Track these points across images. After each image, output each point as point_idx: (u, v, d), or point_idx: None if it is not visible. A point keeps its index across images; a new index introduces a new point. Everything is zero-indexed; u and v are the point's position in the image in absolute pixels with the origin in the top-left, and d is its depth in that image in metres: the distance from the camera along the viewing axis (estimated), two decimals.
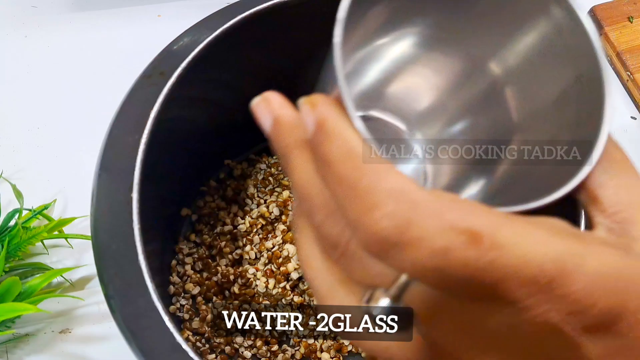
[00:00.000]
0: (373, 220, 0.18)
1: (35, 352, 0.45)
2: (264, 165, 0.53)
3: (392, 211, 0.18)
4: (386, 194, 0.18)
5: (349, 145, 0.20)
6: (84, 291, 0.47)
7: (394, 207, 0.18)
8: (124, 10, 0.63)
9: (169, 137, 0.37)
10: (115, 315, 0.31)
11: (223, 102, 0.48)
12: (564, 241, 0.19)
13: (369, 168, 0.19)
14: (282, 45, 0.44)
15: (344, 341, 0.46)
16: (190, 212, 0.50)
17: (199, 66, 0.38)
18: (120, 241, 0.33)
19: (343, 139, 0.20)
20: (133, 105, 0.37)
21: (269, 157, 0.53)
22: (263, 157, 0.53)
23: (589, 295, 0.18)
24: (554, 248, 0.18)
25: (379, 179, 0.19)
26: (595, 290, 0.18)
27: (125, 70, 0.38)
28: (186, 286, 0.46)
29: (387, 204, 0.18)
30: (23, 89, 0.58)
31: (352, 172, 0.19)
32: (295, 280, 0.47)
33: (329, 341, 0.46)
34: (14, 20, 0.62)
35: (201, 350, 0.44)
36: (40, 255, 0.48)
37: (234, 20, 0.39)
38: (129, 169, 0.34)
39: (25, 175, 0.51)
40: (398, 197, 0.18)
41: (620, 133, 0.56)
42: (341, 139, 0.20)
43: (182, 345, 0.30)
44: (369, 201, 0.18)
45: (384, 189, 0.18)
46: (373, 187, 0.19)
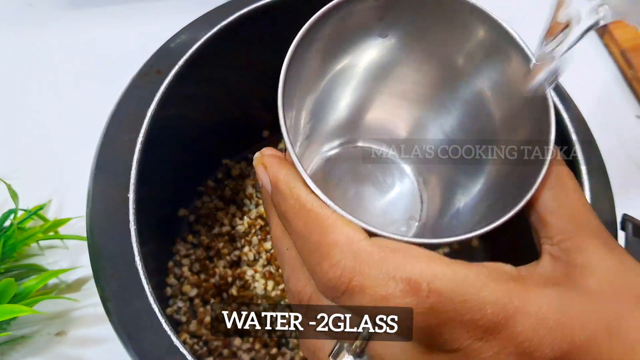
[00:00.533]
0: (323, 271, 0.21)
1: (31, 354, 0.44)
2: None
3: (338, 261, 0.20)
4: (333, 246, 0.21)
5: (300, 202, 0.22)
6: (80, 293, 0.47)
7: (339, 258, 0.20)
8: (121, 8, 0.62)
9: (166, 136, 0.37)
10: (112, 317, 0.31)
11: (221, 101, 0.47)
12: (504, 285, 0.20)
13: (318, 223, 0.21)
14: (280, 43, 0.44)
15: None
16: (187, 212, 0.50)
17: (196, 64, 0.37)
18: (116, 242, 0.32)
19: (295, 198, 0.22)
20: (129, 104, 0.36)
21: None
22: None
23: (535, 336, 0.19)
24: (493, 292, 0.20)
25: (327, 233, 0.21)
26: (540, 330, 0.20)
27: (121, 68, 0.38)
28: (183, 288, 0.46)
29: (333, 255, 0.20)
30: (17, 87, 0.57)
31: (304, 228, 0.22)
32: None
33: None
34: (9, 18, 0.61)
35: (199, 353, 0.44)
36: (35, 256, 0.48)
37: (232, 17, 0.38)
38: (125, 169, 0.34)
39: (21, 175, 0.50)
40: (343, 249, 0.20)
41: (625, 132, 0.56)
42: (293, 197, 0.22)
43: (179, 348, 0.29)
44: (319, 253, 0.21)
45: (331, 242, 0.21)
46: (322, 240, 0.21)
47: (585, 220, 0.23)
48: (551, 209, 0.23)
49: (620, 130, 0.56)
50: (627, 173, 0.54)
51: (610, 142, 0.40)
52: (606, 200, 0.35)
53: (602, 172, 0.36)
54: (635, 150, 0.55)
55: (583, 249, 0.22)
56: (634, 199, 0.44)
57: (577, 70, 0.27)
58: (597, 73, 0.59)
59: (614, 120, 0.57)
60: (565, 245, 0.22)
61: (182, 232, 0.49)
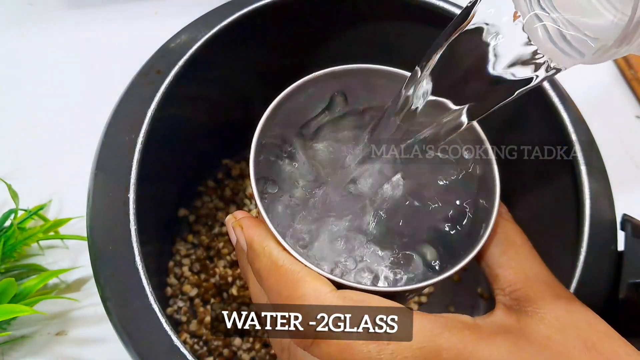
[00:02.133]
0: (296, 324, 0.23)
1: (31, 354, 0.44)
2: None
3: (307, 313, 0.22)
4: (301, 300, 0.23)
5: (272, 259, 0.24)
6: (80, 293, 0.47)
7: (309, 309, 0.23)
8: (121, 8, 0.62)
9: (166, 136, 0.37)
10: (112, 317, 0.31)
11: (221, 101, 0.47)
12: (459, 333, 0.22)
13: (288, 278, 0.23)
14: (280, 43, 0.44)
15: None
16: (187, 212, 0.50)
17: (196, 64, 0.37)
18: (116, 242, 0.32)
19: (267, 255, 0.24)
20: (129, 104, 0.36)
21: None
22: None
23: None
24: (448, 340, 0.22)
25: (296, 288, 0.23)
26: None
27: (121, 69, 0.38)
28: (184, 288, 0.46)
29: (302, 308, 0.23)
30: (18, 87, 0.57)
31: (276, 284, 0.24)
32: None
33: None
34: (9, 18, 0.61)
35: (199, 353, 0.44)
36: (35, 256, 0.48)
37: (232, 18, 0.38)
38: (125, 169, 0.34)
39: (21, 175, 0.50)
40: (310, 301, 0.23)
41: (625, 132, 0.56)
42: (265, 255, 0.24)
43: (179, 348, 0.29)
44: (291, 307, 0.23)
45: (300, 296, 0.23)
46: (292, 295, 0.23)
47: (534, 271, 0.25)
48: (500, 263, 0.26)
49: (620, 130, 0.56)
50: (627, 173, 0.54)
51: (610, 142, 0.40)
52: (606, 200, 0.35)
53: (602, 172, 0.36)
54: (635, 150, 0.55)
55: (533, 298, 0.24)
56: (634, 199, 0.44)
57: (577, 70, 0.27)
58: (597, 73, 0.59)
59: (614, 120, 0.57)
60: (516, 295, 0.24)
61: (183, 232, 0.49)
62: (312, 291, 0.23)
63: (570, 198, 0.35)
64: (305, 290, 0.23)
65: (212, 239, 0.48)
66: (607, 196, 0.35)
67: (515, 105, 0.29)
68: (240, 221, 0.27)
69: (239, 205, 0.50)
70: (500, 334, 0.23)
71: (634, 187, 0.53)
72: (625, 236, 0.34)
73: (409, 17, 0.42)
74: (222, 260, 0.48)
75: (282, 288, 0.23)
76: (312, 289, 0.23)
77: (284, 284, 0.23)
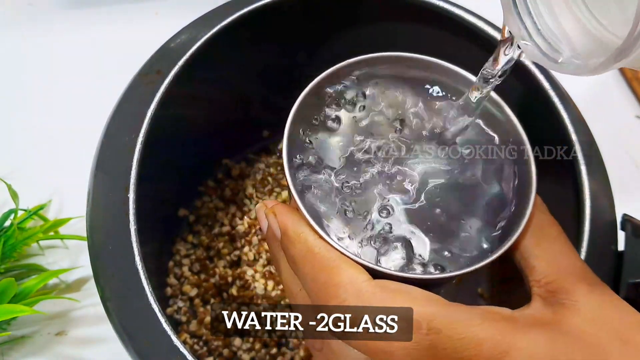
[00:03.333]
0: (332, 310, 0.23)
1: (31, 354, 0.44)
2: (262, 165, 0.52)
3: (343, 300, 0.22)
4: (338, 287, 0.23)
5: (307, 246, 0.24)
6: (80, 293, 0.47)
7: (344, 297, 0.22)
8: (121, 8, 0.62)
9: (166, 136, 0.37)
10: (112, 317, 0.31)
11: (221, 101, 0.47)
12: (496, 324, 0.22)
13: (324, 265, 0.23)
14: (281, 43, 0.44)
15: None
16: (187, 212, 0.50)
17: (196, 64, 0.37)
18: (116, 242, 0.32)
19: (302, 242, 0.24)
20: (129, 104, 0.36)
21: (268, 157, 0.53)
22: (262, 157, 0.53)
23: None
24: (487, 330, 0.22)
25: (332, 275, 0.23)
26: None
27: (121, 69, 0.38)
28: (184, 288, 0.46)
29: (339, 295, 0.22)
30: (18, 87, 0.57)
31: (311, 270, 0.24)
32: None
33: None
34: (9, 18, 0.61)
35: (199, 353, 0.44)
36: (35, 256, 0.48)
37: (231, 18, 0.38)
38: (125, 169, 0.34)
39: (21, 175, 0.50)
40: (347, 289, 0.22)
41: (625, 133, 0.56)
42: (301, 241, 0.24)
43: (179, 348, 0.29)
44: (326, 293, 0.23)
45: (336, 283, 0.23)
46: (328, 281, 0.23)
47: (569, 263, 0.25)
48: (535, 255, 0.26)
49: (620, 130, 0.56)
50: (627, 173, 0.54)
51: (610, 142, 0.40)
52: (606, 200, 0.35)
53: (602, 172, 0.36)
54: (635, 150, 0.55)
55: (568, 290, 0.24)
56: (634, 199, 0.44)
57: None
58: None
59: (614, 120, 0.57)
60: (552, 287, 0.24)
61: (182, 232, 0.49)
62: (347, 279, 0.23)
63: (570, 198, 0.35)
64: (341, 278, 0.23)
65: (212, 239, 0.48)
66: (607, 196, 0.35)
67: (515, 105, 0.29)
68: (274, 208, 0.26)
69: (239, 205, 0.50)
70: (536, 326, 0.23)
71: (634, 187, 0.53)
72: (625, 236, 0.34)
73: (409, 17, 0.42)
74: (222, 260, 0.48)
75: (317, 275, 0.23)
76: (348, 277, 0.23)
77: (320, 271, 0.23)
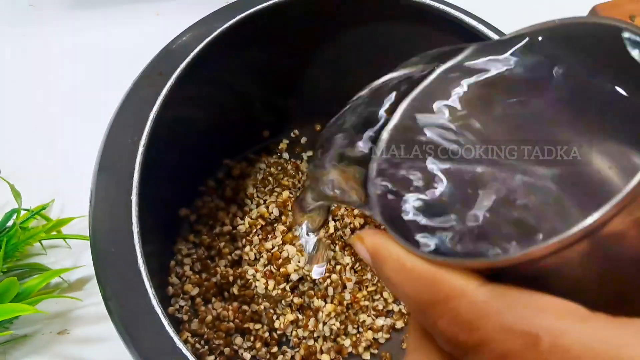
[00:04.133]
0: (441, 331, 0.19)
1: (33, 353, 0.44)
2: (263, 165, 0.53)
3: (455, 317, 0.19)
4: (445, 302, 0.19)
5: (400, 263, 0.21)
6: (82, 292, 0.47)
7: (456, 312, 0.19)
8: (123, 9, 0.62)
9: (168, 137, 0.37)
10: (113, 316, 0.31)
11: (222, 102, 0.47)
12: None
13: (425, 279, 0.20)
14: (282, 45, 0.44)
15: (344, 343, 0.46)
16: (189, 212, 0.50)
17: (198, 66, 0.37)
18: (118, 242, 0.32)
19: (395, 260, 0.21)
20: (132, 106, 0.36)
21: (268, 157, 0.53)
22: (262, 157, 0.53)
23: None
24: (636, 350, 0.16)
25: (436, 290, 0.20)
26: None
27: (123, 70, 0.38)
28: (185, 287, 0.46)
29: (448, 312, 0.19)
30: (21, 88, 0.58)
31: (412, 289, 0.20)
32: (295, 281, 0.47)
33: (329, 343, 0.46)
34: (11, 18, 0.61)
35: (200, 352, 0.44)
36: (38, 255, 0.48)
37: (234, 19, 0.38)
38: (128, 170, 0.34)
39: (24, 175, 0.51)
40: (456, 303, 0.19)
41: None
42: (393, 260, 0.21)
43: (180, 347, 0.30)
44: (433, 312, 0.19)
45: (443, 298, 0.19)
46: (432, 298, 0.20)
47: None
48: None
49: None
50: None
51: None
52: None
53: None
54: None
55: None
56: None
57: None
58: None
59: None
60: None
61: (184, 231, 0.49)
62: (455, 290, 0.19)
63: None
64: (447, 289, 0.19)
65: (213, 239, 0.49)
66: None
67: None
68: (360, 234, 0.24)
69: (240, 205, 0.51)
70: None
71: None
72: None
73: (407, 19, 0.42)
74: (223, 259, 0.48)
75: (419, 292, 0.20)
76: (457, 287, 0.19)
77: (421, 286, 0.20)
